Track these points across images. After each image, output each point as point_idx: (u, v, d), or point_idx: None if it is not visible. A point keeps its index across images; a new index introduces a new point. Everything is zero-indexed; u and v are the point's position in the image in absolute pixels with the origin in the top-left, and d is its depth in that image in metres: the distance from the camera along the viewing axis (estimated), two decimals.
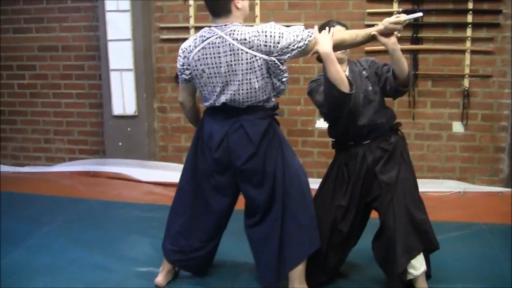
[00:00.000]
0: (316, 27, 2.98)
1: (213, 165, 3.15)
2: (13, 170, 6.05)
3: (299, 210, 3.07)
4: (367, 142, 3.19)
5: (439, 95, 5.11)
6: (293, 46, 2.91)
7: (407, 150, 3.25)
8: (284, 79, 3.02)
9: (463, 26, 4.94)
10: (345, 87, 2.89)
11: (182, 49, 3.10)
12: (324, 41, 2.89)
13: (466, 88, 4.99)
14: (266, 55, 2.90)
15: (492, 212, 4.50)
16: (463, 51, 4.97)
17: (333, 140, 3.38)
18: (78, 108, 6.00)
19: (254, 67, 2.91)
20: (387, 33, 2.93)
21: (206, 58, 2.97)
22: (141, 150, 5.66)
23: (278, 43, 2.89)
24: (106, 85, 5.59)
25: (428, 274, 3.13)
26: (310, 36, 2.93)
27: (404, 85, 3.08)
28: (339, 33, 3.00)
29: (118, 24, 5.39)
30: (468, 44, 4.95)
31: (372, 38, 2.96)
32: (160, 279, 3.36)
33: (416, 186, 3.18)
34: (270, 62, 2.92)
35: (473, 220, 4.35)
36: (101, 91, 5.73)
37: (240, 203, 3.32)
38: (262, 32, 2.88)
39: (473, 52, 4.96)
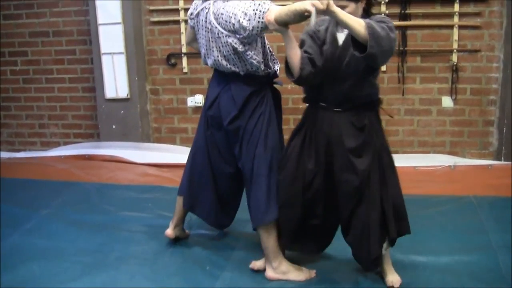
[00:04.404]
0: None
1: (210, 120, 3.33)
2: (9, 156, 6.08)
3: (258, 181, 3.16)
4: (339, 110, 2.97)
5: (428, 71, 5.14)
6: (252, 26, 2.90)
7: (383, 132, 3.07)
8: (249, 56, 3.03)
9: (450, 1, 4.95)
10: (294, 72, 2.96)
11: (195, 1, 3.23)
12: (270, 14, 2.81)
13: (455, 63, 5.02)
14: (230, 33, 2.97)
15: (481, 185, 4.57)
16: (451, 26, 4.99)
17: (306, 94, 3.17)
18: (71, 93, 6.02)
19: (222, 42, 3.03)
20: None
21: (200, 18, 3.13)
22: (134, 132, 5.70)
23: (234, 24, 2.92)
24: (98, 69, 5.61)
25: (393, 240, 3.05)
26: (264, 12, 2.86)
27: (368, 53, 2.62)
28: (281, 8, 2.80)
29: (108, 8, 5.39)
30: (456, 19, 4.97)
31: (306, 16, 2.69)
32: (169, 231, 3.64)
33: (393, 171, 3.03)
34: (234, 41, 2.98)
35: (463, 193, 4.43)
36: (94, 75, 5.74)
37: None
38: (227, 12, 2.95)
39: (461, 27, 4.98)
